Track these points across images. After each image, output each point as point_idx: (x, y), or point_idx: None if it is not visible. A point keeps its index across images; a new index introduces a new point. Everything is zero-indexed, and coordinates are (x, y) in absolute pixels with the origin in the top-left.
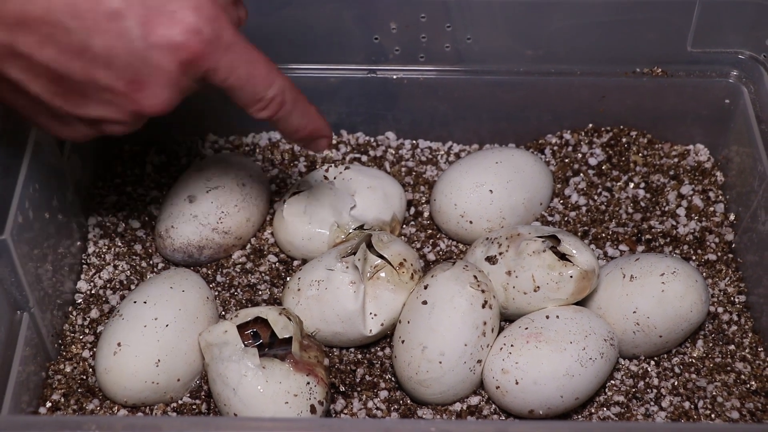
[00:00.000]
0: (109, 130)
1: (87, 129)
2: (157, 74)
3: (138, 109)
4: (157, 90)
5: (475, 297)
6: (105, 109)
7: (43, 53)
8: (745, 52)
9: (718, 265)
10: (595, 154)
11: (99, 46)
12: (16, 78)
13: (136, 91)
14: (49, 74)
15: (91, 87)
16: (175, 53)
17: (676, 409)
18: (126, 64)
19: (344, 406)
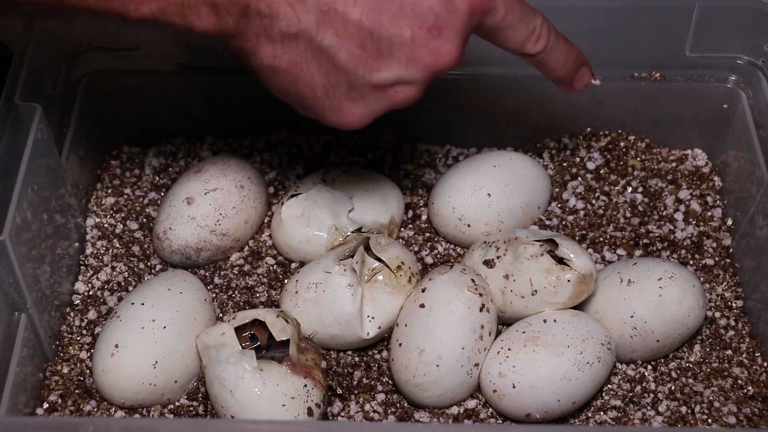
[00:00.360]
0: (399, 98)
1: (377, 101)
2: (453, 17)
3: (435, 60)
4: (450, 36)
5: (472, 300)
6: (403, 68)
7: (358, 8)
8: (743, 57)
9: (716, 269)
10: (593, 158)
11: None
12: (329, 44)
13: (435, 38)
14: (359, 34)
15: (396, 42)
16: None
17: (673, 413)
18: (427, 9)
19: (341, 408)
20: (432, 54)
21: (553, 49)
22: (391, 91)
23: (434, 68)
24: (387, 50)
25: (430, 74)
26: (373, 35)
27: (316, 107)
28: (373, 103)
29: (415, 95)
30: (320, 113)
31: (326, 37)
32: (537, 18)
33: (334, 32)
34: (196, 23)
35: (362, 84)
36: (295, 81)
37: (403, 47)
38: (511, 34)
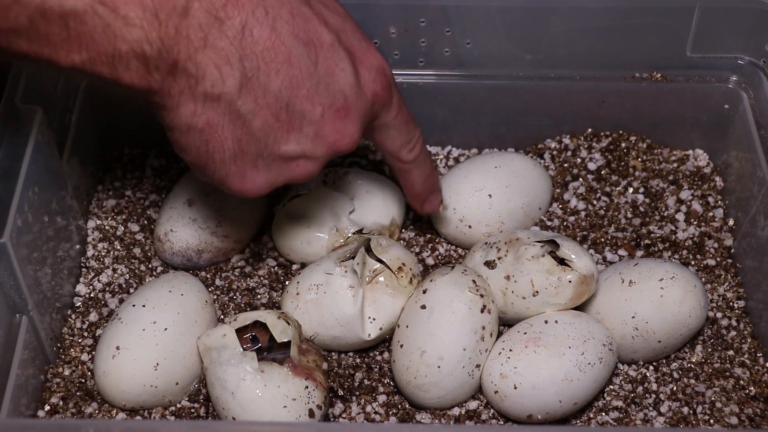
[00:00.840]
0: (300, 172)
1: (279, 172)
2: (359, 102)
3: (338, 139)
4: (355, 119)
5: (473, 301)
6: (310, 143)
7: (278, 79)
8: (744, 57)
9: (717, 270)
10: (594, 159)
11: (322, 71)
12: (248, 110)
13: (342, 118)
14: (276, 105)
15: (307, 117)
16: (375, 82)
17: (675, 414)
18: (339, 91)
19: (343, 410)
20: (337, 133)
21: (420, 163)
22: (294, 164)
23: (335, 147)
24: (298, 124)
25: (331, 153)
26: (288, 107)
27: (220, 171)
28: (275, 173)
29: (313, 171)
30: (222, 177)
31: (246, 102)
32: (417, 129)
33: (254, 99)
34: (124, 76)
35: (269, 153)
36: (207, 142)
37: (312, 123)
38: (393, 136)
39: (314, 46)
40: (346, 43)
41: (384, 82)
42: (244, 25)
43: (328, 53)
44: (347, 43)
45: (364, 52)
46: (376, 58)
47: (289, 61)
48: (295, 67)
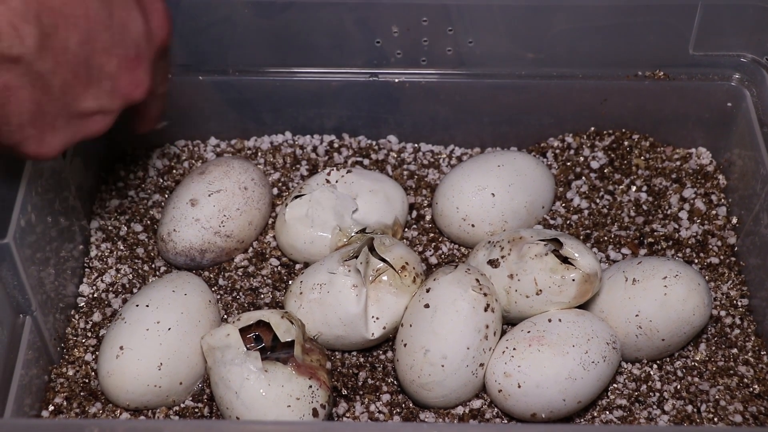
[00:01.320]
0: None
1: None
2: (149, 49)
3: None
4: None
5: (477, 300)
6: (106, 98)
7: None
8: (747, 55)
9: (721, 268)
10: (597, 157)
11: (117, 23)
12: (48, 70)
13: (135, 68)
14: (75, 61)
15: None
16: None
17: (679, 412)
18: (132, 41)
19: (346, 409)
20: (131, 84)
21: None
22: (91, 121)
23: (130, 98)
24: (96, 79)
25: (125, 104)
26: (87, 63)
27: (16, 135)
28: (71, 131)
29: (107, 125)
30: (18, 141)
31: (46, 61)
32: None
33: (54, 57)
34: None
35: (68, 112)
36: (3, 105)
37: (109, 77)
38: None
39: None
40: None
41: (169, 26)
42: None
43: (120, 8)
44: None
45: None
46: (160, 3)
47: (86, 15)
48: (92, 20)
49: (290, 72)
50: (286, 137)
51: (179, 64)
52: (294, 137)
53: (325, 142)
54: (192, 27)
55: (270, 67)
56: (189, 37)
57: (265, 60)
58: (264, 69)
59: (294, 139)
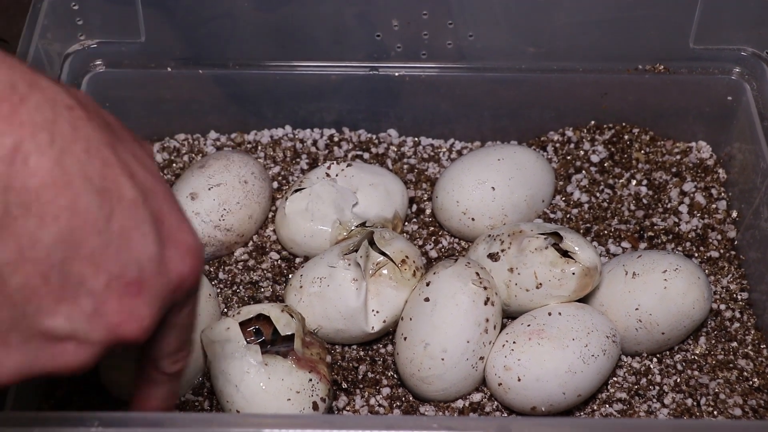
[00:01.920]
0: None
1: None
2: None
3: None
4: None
5: (477, 294)
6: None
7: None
8: (747, 48)
9: (721, 262)
10: (597, 151)
11: (115, 230)
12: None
13: (132, 295)
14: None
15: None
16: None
17: (679, 406)
18: (133, 259)
19: (346, 403)
20: (122, 313)
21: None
22: (60, 348)
23: (118, 332)
24: (72, 293)
25: (111, 339)
26: (63, 268)
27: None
28: (31, 356)
29: (85, 361)
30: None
31: (5, 250)
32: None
33: (16, 247)
34: None
35: (28, 327)
36: None
37: (92, 294)
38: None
39: (110, 197)
40: (154, 206)
41: (195, 265)
42: (17, 148)
43: (127, 211)
44: (155, 208)
45: (176, 226)
46: (189, 235)
47: (72, 208)
48: (80, 217)
49: (290, 66)
50: (286, 131)
51: (179, 57)
52: (294, 131)
53: (325, 136)
54: (192, 20)
55: (270, 60)
56: (189, 31)
57: (265, 54)
58: (264, 63)
59: (294, 132)
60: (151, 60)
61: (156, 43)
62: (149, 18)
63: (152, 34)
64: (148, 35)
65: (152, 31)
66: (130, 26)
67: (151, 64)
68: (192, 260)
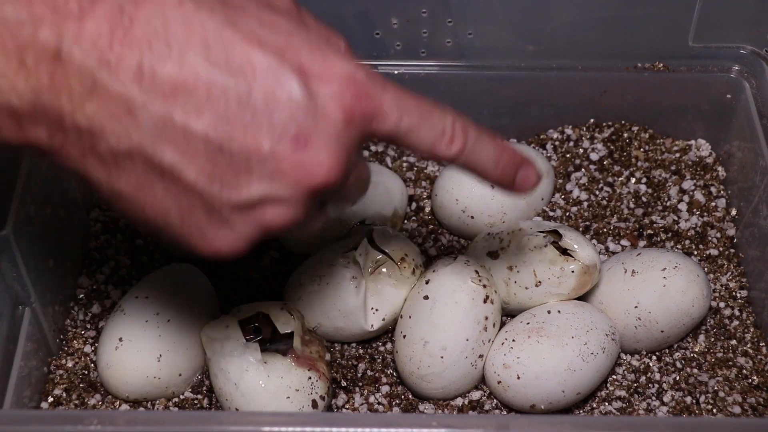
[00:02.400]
0: (271, 219)
1: (245, 225)
2: (322, 125)
3: (305, 174)
4: (321, 146)
5: (476, 292)
6: (267, 185)
7: (202, 120)
8: (746, 46)
9: (720, 260)
10: (597, 149)
11: (259, 100)
12: (171, 163)
13: (302, 148)
14: (207, 149)
15: (253, 156)
16: (341, 96)
17: (678, 403)
18: (287, 118)
19: (346, 401)
20: (299, 168)
21: (475, 150)
22: (260, 212)
23: (307, 184)
24: (244, 166)
25: (304, 191)
26: (224, 150)
27: (179, 234)
28: (240, 227)
29: (292, 216)
30: (186, 241)
31: (167, 153)
32: (446, 117)
33: (175, 148)
34: None
35: (221, 205)
36: (143, 207)
37: (262, 162)
38: (415, 136)
39: (244, 73)
40: (292, 60)
41: (355, 91)
42: (140, 65)
43: (264, 79)
44: (294, 61)
45: (320, 65)
46: (338, 65)
47: (210, 97)
48: (220, 101)
49: None
50: None
51: None
52: None
53: None
54: None
55: None
56: None
57: None
58: None
59: None
60: None
61: None
62: None
63: None
64: None
65: None
66: None
67: None
68: (350, 88)
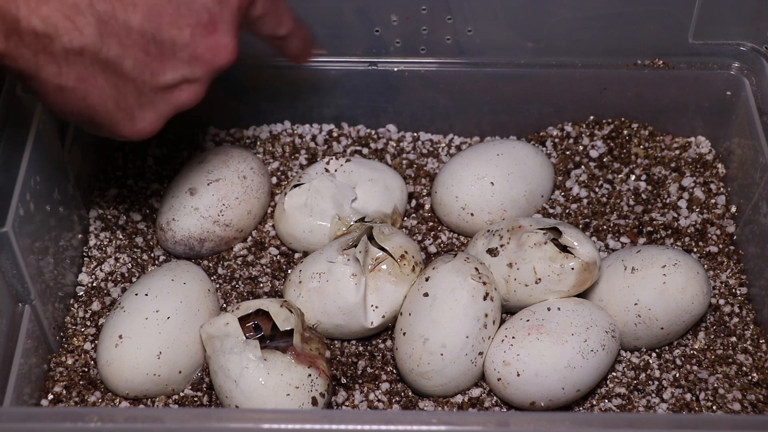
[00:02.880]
0: (185, 97)
1: (165, 103)
2: (224, 11)
3: (215, 55)
4: (225, 30)
5: (476, 289)
6: (187, 67)
7: (137, 14)
8: (746, 43)
9: (720, 257)
10: (597, 146)
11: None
12: (115, 55)
13: (212, 33)
14: (142, 40)
15: (177, 43)
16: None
17: (678, 400)
18: (201, 6)
19: (346, 398)
20: (211, 50)
21: (295, 31)
22: (177, 92)
23: (215, 64)
24: (170, 52)
25: (212, 70)
26: (156, 39)
27: (109, 121)
28: (161, 106)
29: (198, 94)
30: (113, 126)
31: (111, 47)
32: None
33: (118, 41)
34: None
35: (149, 88)
36: (84, 98)
37: (184, 47)
38: (266, 22)
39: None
40: None
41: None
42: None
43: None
44: None
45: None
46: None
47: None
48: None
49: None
50: (285, 126)
51: None
52: (293, 126)
53: (324, 131)
54: None
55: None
56: None
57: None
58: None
59: (293, 128)
60: None
61: None
62: None
63: None
64: None
65: None
66: None
67: None
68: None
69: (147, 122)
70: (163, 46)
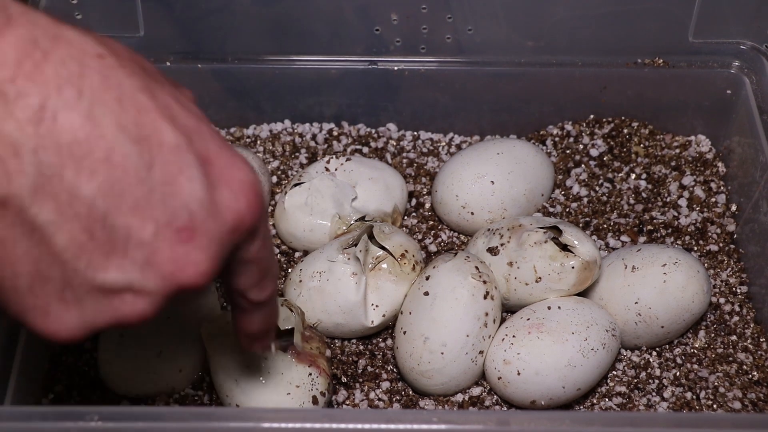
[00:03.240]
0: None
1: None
2: (212, 224)
3: (177, 270)
4: (203, 245)
5: (476, 288)
6: (138, 272)
7: (93, 183)
8: (746, 42)
9: (720, 255)
10: (597, 145)
11: (157, 178)
12: (46, 221)
13: (184, 242)
14: (88, 217)
15: (134, 236)
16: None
17: (678, 399)
18: (181, 205)
19: (346, 397)
20: (175, 262)
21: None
22: (118, 301)
23: (175, 281)
24: (121, 245)
25: (169, 287)
26: (107, 222)
27: (15, 304)
28: (90, 311)
29: (146, 311)
30: (20, 311)
31: (44, 210)
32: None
33: (55, 206)
34: None
35: (81, 283)
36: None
37: (141, 246)
38: (250, 272)
39: (149, 145)
40: (199, 148)
41: (252, 201)
42: (43, 106)
43: (169, 157)
44: (201, 149)
45: (225, 162)
46: (241, 171)
47: (108, 160)
48: (118, 168)
49: (289, 60)
50: (285, 125)
51: (178, 51)
52: (293, 125)
53: (325, 130)
54: (191, 15)
55: (269, 54)
56: (188, 25)
57: (264, 48)
58: (263, 57)
59: (293, 127)
60: (149, 54)
61: (155, 38)
62: (148, 12)
63: (151, 29)
64: (147, 30)
65: (151, 25)
66: (129, 21)
67: (150, 58)
68: (247, 197)
69: (64, 325)
70: (114, 233)
